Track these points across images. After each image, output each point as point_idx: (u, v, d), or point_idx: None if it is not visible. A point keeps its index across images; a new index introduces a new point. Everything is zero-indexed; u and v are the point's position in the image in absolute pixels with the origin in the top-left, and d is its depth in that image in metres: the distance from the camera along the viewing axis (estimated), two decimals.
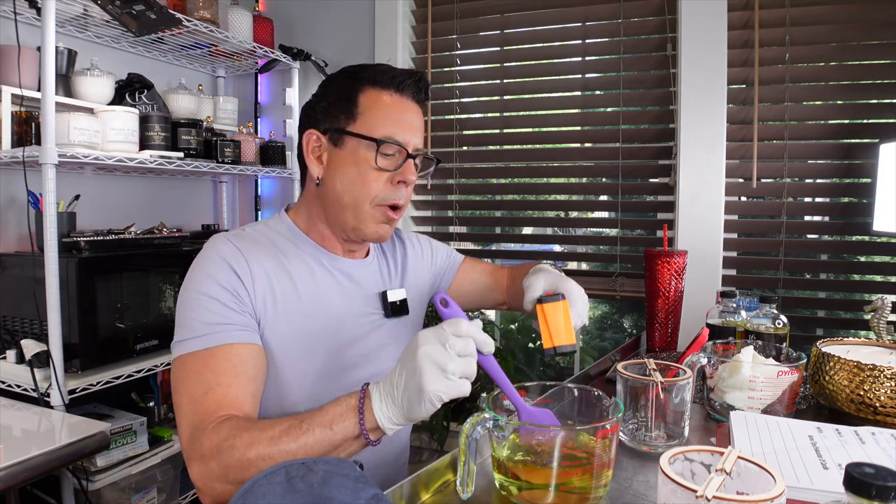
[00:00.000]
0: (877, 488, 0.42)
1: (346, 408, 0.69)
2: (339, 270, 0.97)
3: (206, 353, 0.79)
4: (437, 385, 0.64)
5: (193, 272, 0.86)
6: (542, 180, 2.13)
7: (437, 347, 0.65)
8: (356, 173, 0.89)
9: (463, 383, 0.65)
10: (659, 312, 1.37)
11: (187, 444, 0.75)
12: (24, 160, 1.39)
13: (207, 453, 0.71)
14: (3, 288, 1.56)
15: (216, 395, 0.76)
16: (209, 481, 0.71)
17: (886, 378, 0.89)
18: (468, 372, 0.66)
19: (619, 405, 0.72)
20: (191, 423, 0.76)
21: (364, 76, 0.92)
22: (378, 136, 0.88)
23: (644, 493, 0.71)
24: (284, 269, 0.90)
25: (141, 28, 1.62)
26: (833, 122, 1.72)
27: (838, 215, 1.76)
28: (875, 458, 0.71)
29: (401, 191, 0.91)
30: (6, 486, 1.04)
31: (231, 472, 0.69)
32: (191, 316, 0.81)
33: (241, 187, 2.46)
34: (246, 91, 2.44)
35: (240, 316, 0.83)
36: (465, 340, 0.66)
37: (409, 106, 0.93)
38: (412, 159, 0.91)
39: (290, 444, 0.68)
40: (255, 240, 0.91)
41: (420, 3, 2.17)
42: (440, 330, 0.66)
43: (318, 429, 0.69)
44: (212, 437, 0.71)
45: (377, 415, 0.68)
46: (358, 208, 0.90)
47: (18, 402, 1.40)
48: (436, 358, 0.64)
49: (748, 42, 1.73)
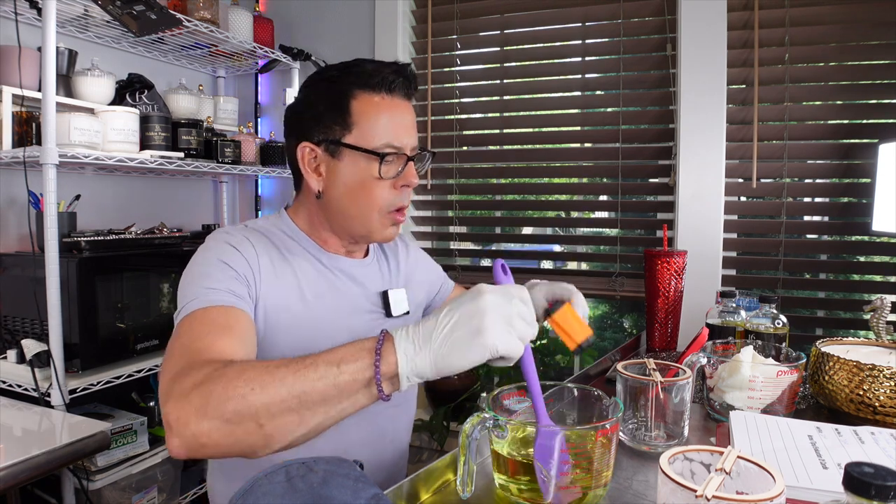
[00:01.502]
0: (876, 488, 0.42)
1: (360, 349, 0.62)
2: (339, 270, 0.97)
3: (201, 312, 0.76)
4: (499, 334, 0.59)
5: (197, 255, 0.86)
6: (542, 180, 2.13)
7: (505, 299, 0.60)
8: (360, 185, 0.89)
9: (519, 344, 0.60)
10: (659, 312, 1.38)
11: (166, 386, 0.65)
12: (25, 160, 1.40)
13: (189, 387, 0.62)
14: (4, 288, 1.56)
15: (207, 341, 0.71)
16: (183, 416, 0.60)
17: (886, 378, 0.89)
18: (526, 335, 0.61)
19: (619, 405, 0.73)
20: (176, 366, 0.67)
21: (352, 80, 0.89)
22: (377, 145, 0.87)
23: (644, 493, 0.72)
24: (288, 263, 0.91)
25: (141, 28, 1.62)
26: (833, 122, 1.72)
27: (838, 215, 1.76)
28: (874, 457, 0.71)
29: (405, 194, 0.92)
30: (7, 485, 1.04)
31: (212, 402, 0.59)
32: (190, 289, 0.80)
33: (242, 187, 2.47)
34: (246, 91, 2.44)
35: (241, 288, 0.82)
36: (530, 308, 0.63)
37: (401, 106, 0.92)
38: (412, 161, 0.91)
39: (286, 374, 0.60)
40: (260, 232, 0.93)
41: (420, 3, 2.17)
42: (506, 289, 0.62)
43: (322, 365, 0.60)
44: (197, 371, 0.63)
45: (400, 358, 0.60)
46: (366, 219, 0.91)
47: (19, 402, 1.40)
48: (503, 308, 0.60)
49: (748, 42, 1.73)
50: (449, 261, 2.20)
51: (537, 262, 2.22)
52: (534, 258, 2.25)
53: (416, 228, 2.25)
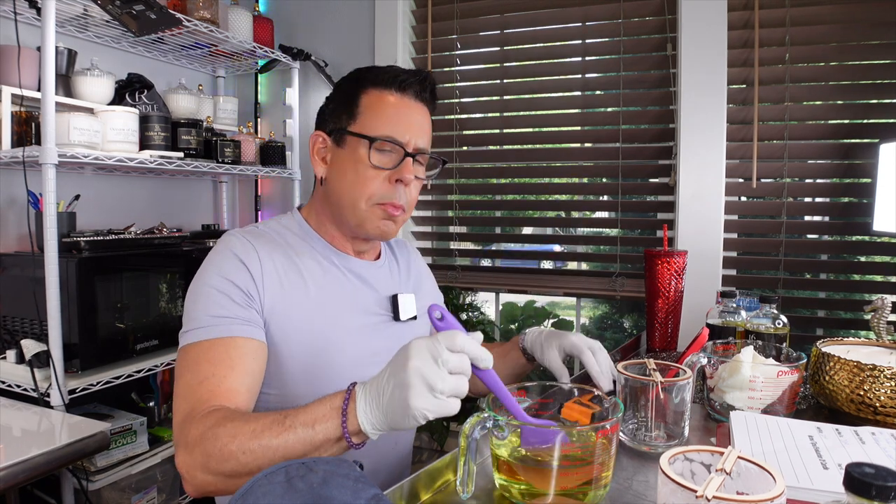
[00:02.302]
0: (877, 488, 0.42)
1: (330, 408, 0.68)
2: (349, 270, 0.97)
3: (208, 344, 0.80)
4: (424, 403, 0.62)
5: (205, 266, 0.87)
6: (542, 180, 2.13)
7: (428, 363, 0.62)
8: (354, 172, 0.90)
9: (451, 402, 0.63)
10: (659, 312, 1.37)
11: (177, 432, 0.75)
12: (24, 160, 1.39)
13: (192, 441, 0.71)
14: (3, 288, 1.56)
15: (210, 384, 0.77)
16: (191, 469, 0.71)
17: (886, 378, 0.89)
18: (459, 391, 0.63)
19: (619, 405, 0.72)
20: (183, 410, 0.76)
21: (368, 77, 0.93)
22: (375, 134, 0.89)
23: (644, 493, 0.71)
24: (295, 266, 0.91)
25: (141, 28, 1.62)
26: (833, 122, 1.71)
27: (838, 215, 1.76)
28: (875, 458, 0.71)
29: (398, 190, 0.91)
30: (6, 486, 1.04)
31: (212, 462, 0.68)
32: (197, 308, 0.83)
33: (241, 187, 2.46)
34: (246, 91, 2.44)
35: (245, 311, 0.84)
36: (460, 356, 0.63)
37: (411, 105, 0.93)
38: (411, 158, 0.91)
39: (271, 439, 0.67)
40: (268, 236, 0.93)
41: (420, 3, 2.17)
42: (434, 342, 0.63)
43: (300, 427, 0.67)
44: (198, 425, 0.71)
45: (360, 419, 0.66)
46: (356, 207, 0.91)
47: (18, 402, 1.40)
48: (426, 374, 0.61)
49: (748, 42, 1.73)
50: (449, 261, 2.20)
51: (537, 262, 2.22)
52: (534, 258, 2.25)
53: (416, 228, 2.25)
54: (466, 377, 0.65)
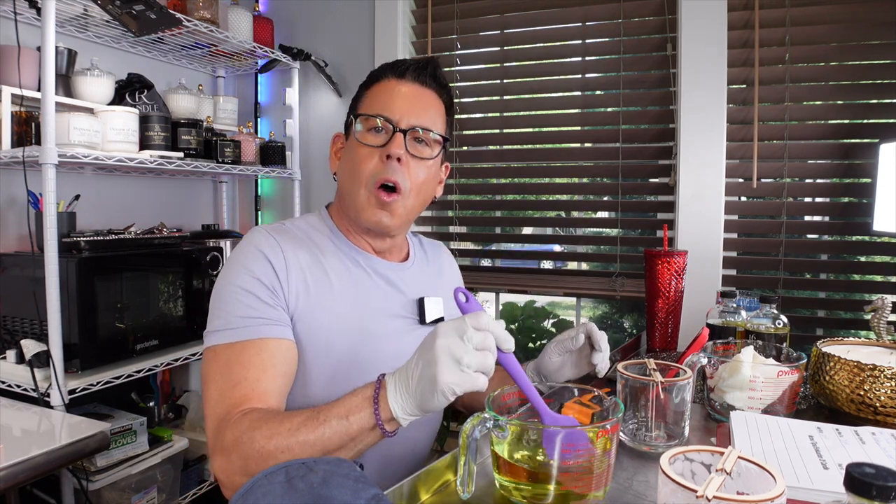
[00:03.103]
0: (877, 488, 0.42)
1: (362, 399, 0.70)
2: (375, 272, 0.96)
3: (239, 346, 0.80)
4: (452, 377, 0.63)
5: (231, 263, 0.87)
6: (543, 180, 2.13)
7: (454, 339, 0.64)
8: (350, 155, 0.93)
9: (478, 377, 0.65)
10: (659, 312, 1.37)
11: (212, 437, 0.76)
12: (24, 160, 1.39)
13: (229, 446, 0.72)
14: (3, 288, 1.56)
15: (244, 388, 0.77)
16: (231, 474, 0.72)
17: (886, 378, 0.89)
18: (485, 366, 0.65)
19: (619, 405, 0.72)
20: (217, 415, 0.77)
21: (373, 73, 0.96)
22: (367, 113, 0.91)
23: (644, 493, 0.71)
24: (320, 264, 0.91)
25: (141, 28, 1.62)
26: (833, 122, 1.71)
27: (838, 215, 1.76)
28: (875, 458, 0.71)
29: (391, 166, 0.89)
30: (6, 485, 1.04)
31: (251, 464, 0.69)
32: (225, 308, 0.83)
33: (241, 187, 2.46)
34: (246, 91, 2.44)
35: (273, 310, 0.84)
36: (484, 334, 0.65)
37: (408, 87, 0.93)
38: (401, 134, 0.89)
39: (308, 434, 0.69)
40: (293, 234, 0.92)
41: (420, 3, 2.17)
42: (460, 322, 0.66)
43: (334, 420, 0.69)
44: (233, 429, 0.72)
45: (392, 405, 0.67)
46: (355, 193, 0.91)
47: (18, 402, 1.40)
48: (452, 349, 0.64)
49: (748, 42, 1.73)
50: None
51: (537, 262, 2.22)
52: (534, 258, 2.25)
53: (416, 228, 2.25)
54: (492, 354, 0.66)
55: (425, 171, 0.94)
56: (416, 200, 0.93)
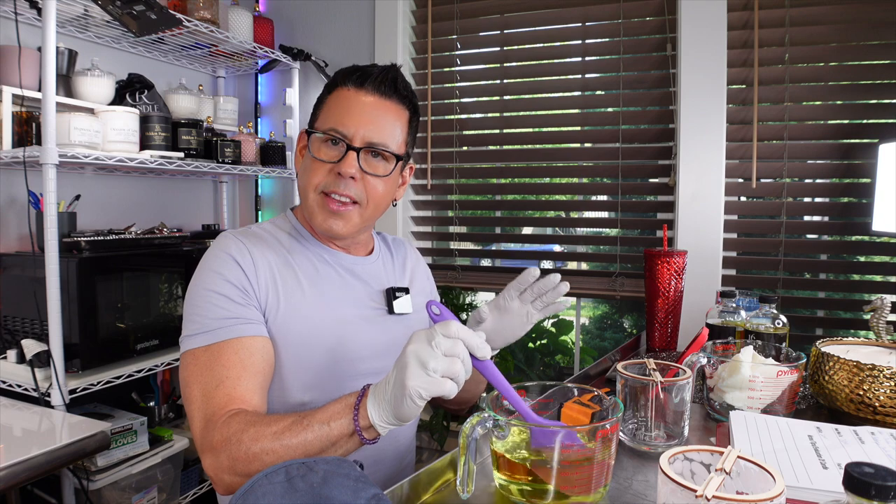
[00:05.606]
0: (876, 488, 0.42)
1: (344, 406, 0.72)
2: (341, 266, 0.99)
3: (216, 348, 0.82)
4: (418, 381, 0.65)
5: (201, 269, 0.89)
6: (543, 180, 2.13)
7: (423, 345, 0.66)
8: (306, 164, 0.94)
9: (444, 382, 0.66)
10: (659, 312, 1.38)
11: (200, 436, 0.78)
12: (25, 160, 1.39)
13: (217, 446, 0.74)
14: (4, 288, 1.56)
15: (226, 388, 0.79)
16: (219, 472, 0.74)
17: (886, 378, 0.89)
18: (451, 371, 0.66)
19: (619, 405, 0.73)
20: (203, 415, 0.79)
21: (337, 77, 0.95)
22: (322, 129, 0.92)
23: (644, 493, 0.71)
24: (288, 264, 0.93)
25: (141, 28, 1.62)
26: (833, 122, 1.71)
27: (838, 215, 1.76)
28: (874, 457, 0.71)
29: (340, 182, 0.89)
30: (7, 485, 1.04)
31: (238, 465, 0.72)
32: (199, 311, 0.85)
33: (242, 187, 2.47)
34: (246, 91, 2.44)
35: (246, 309, 0.86)
36: (453, 341, 0.66)
37: (366, 99, 0.92)
38: (354, 152, 0.89)
39: (291, 438, 0.71)
40: (260, 236, 0.95)
41: (420, 3, 2.17)
42: (431, 330, 0.68)
43: (317, 425, 0.72)
44: (222, 430, 0.75)
45: (370, 413, 0.70)
46: (306, 198, 0.93)
47: (19, 402, 1.40)
48: (420, 354, 0.66)
49: (748, 42, 1.73)
50: (449, 261, 2.20)
51: (537, 262, 2.22)
52: (534, 258, 2.25)
53: (416, 228, 2.25)
54: (461, 360, 0.67)
55: (382, 184, 0.94)
56: (374, 211, 0.95)
